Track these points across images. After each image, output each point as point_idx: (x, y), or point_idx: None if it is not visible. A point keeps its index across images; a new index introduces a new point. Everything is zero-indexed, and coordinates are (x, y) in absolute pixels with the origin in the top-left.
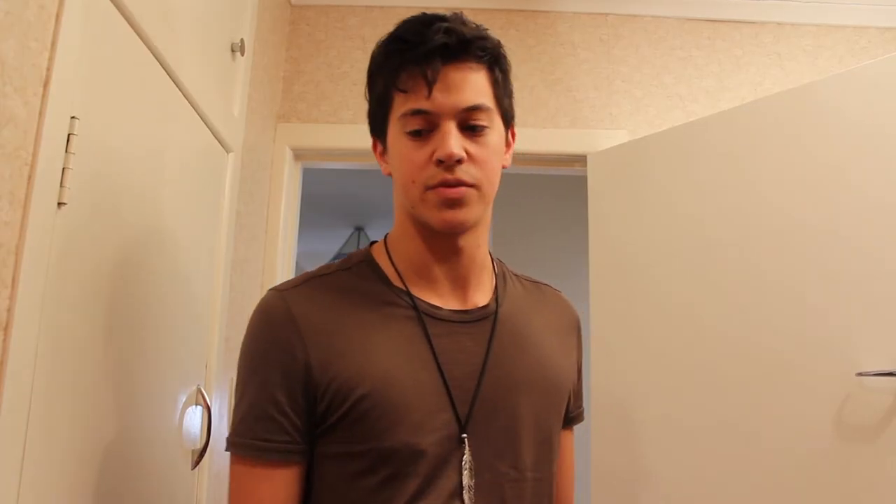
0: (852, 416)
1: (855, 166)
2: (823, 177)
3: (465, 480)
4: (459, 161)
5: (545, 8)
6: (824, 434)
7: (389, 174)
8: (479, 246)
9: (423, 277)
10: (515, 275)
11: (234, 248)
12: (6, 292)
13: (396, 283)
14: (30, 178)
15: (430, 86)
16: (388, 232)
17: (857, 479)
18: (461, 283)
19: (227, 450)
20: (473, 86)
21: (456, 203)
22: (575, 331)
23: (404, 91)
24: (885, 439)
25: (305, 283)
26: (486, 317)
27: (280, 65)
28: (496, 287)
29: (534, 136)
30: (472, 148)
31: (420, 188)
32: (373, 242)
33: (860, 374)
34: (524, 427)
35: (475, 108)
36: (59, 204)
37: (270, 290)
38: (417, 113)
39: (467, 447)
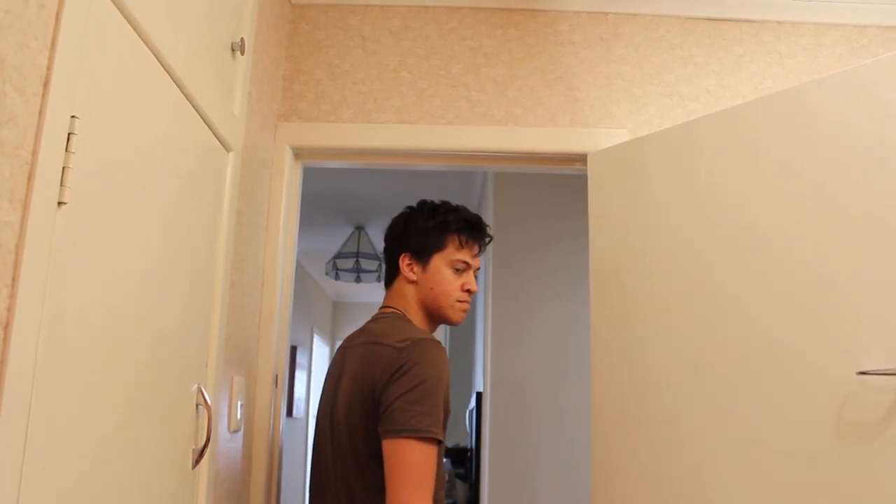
0: (853, 415)
1: (856, 164)
2: (824, 175)
3: None
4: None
5: (545, 7)
6: (825, 433)
7: (414, 281)
8: None
9: None
10: None
11: (234, 246)
12: (6, 291)
13: None
14: (30, 177)
15: (476, 254)
16: (403, 311)
17: (857, 478)
18: None
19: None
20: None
21: (467, 311)
22: None
23: (461, 247)
24: (886, 439)
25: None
26: None
27: (280, 64)
28: None
29: (534, 136)
30: (475, 285)
31: (452, 300)
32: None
33: (861, 373)
34: None
35: (478, 269)
36: (60, 203)
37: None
38: (463, 261)
39: None
